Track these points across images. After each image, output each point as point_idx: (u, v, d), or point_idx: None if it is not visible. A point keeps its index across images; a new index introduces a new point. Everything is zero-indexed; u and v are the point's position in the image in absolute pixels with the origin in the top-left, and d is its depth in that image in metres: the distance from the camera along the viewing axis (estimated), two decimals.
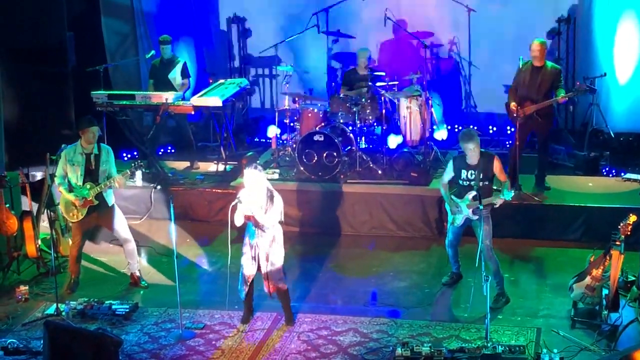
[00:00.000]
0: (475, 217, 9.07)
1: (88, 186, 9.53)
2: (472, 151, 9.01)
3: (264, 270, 8.80)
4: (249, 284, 8.91)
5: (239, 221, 8.66)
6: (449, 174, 9.36)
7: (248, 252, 8.83)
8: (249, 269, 8.84)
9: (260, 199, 8.61)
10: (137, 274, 10.01)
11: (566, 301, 9.10)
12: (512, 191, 9.02)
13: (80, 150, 9.59)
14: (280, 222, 8.84)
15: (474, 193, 9.01)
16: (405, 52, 13.67)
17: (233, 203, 8.55)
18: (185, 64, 12.64)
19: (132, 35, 14.32)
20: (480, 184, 9.03)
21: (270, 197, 8.65)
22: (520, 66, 11.13)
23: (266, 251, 8.77)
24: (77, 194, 9.54)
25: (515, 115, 10.88)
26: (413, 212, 11.27)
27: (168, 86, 12.43)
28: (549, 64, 11.00)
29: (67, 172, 9.61)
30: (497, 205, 9.07)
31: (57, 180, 9.71)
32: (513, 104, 10.92)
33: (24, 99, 12.70)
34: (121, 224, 9.86)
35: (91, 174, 9.57)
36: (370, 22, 13.72)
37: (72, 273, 9.94)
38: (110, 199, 9.77)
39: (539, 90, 10.91)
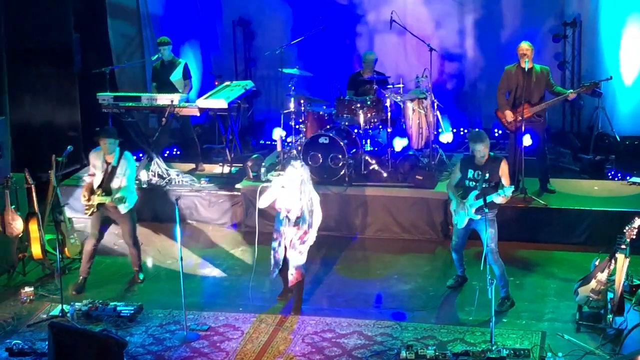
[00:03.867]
0: (478, 217, 9.05)
1: (98, 192, 9.71)
2: (480, 152, 9.00)
3: (288, 256, 9.14)
4: (279, 267, 9.25)
5: (263, 203, 9.07)
6: (456, 175, 9.34)
7: (277, 239, 9.20)
8: (279, 254, 9.21)
9: (294, 191, 8.97)
10: (139, 278, 10.13)
11: (571, 305, 9.08)
12: (512, 187, 8.94)
13: (102, 158, 9.76)
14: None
15: (477, 192, 9.00)
16: (410, 55, 13.67)
17: (263, 185, 9.15)
18: (186, 65, 12.62)
19: (138, 38, 14.37)
20: (485, 184, 9.00)
21: (305, 193, 9.03)
22: (506, 70, 11.07)
23: (291, 238, 9.09)
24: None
25: (512, 121, 10.88)
26: (418, 215, 11.26)
27: (170, 88, 12.41)
28: (537, 65, 10.99)
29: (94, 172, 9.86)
30: (498, 203, 8.99)
31: (87, 175, 10.03)
32: (510, 113, 10.91)
33: (30, 100, 12.75)
34: (130, 230, 9.96)
35: (105, 182, 9.74)
36: (376, 24, 13.74)
37: (82, 273, 9.98)
38: (131, 205, 9.88)
39: (535, 92, 10.90)
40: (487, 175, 9.02)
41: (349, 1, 13.85)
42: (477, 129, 9.28)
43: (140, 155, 12.81)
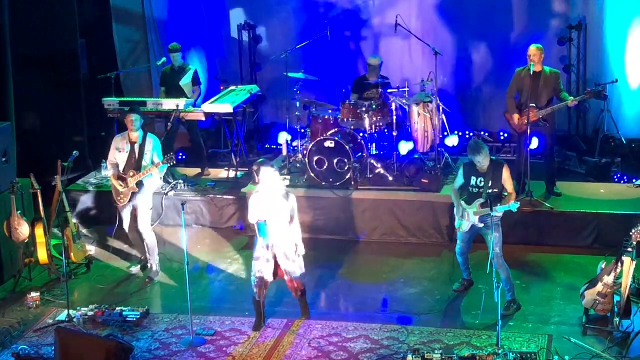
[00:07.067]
0: (481, 225, 9.05)
1: (131, 174, 9.92)
2: (481, 163, 8.99)
3: (286, 268, 8.92)
4: (265, 288, 9.00)
5: (253, 218, 8.82)
6: (459, 180, 9.34)
7: (263, 255, 8.88)
8: (267, 272, 8.91)
9: (277, 198, 8.75)
10: (154, 267, 10.37)
11: (578, 308, 9.07)
12: (517, 203, 8.94)
13: (127, 139, 10.03)
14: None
15: (482, 200, 8.99)
16: (416, 59, 13.66)
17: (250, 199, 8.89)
18: (196, 72, 12.65)
19: (144, 43, 14.38)
20: (490, 191, 9.00)
21: (286, 196, 8.83)
22: (516, 73, 11.07)
23: (284, 250, 8.87)
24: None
25: (520, 123, 10.87)
26: (424, 219, 11.26)
27: (179, 93, 12.45)
28: (547, 68, 10.99)
29: (117, 159, 10.06)
30: (498, 215, 8.98)
31: (107, 165, 10.17)
32: (517, 116, 10.91)
33: (36, 105, 12.77)
34: (147, 215, 10.16)
35: (133, 163, 9.95)
36: (381, 28, 13.73)
37: (144, 258, 10.43)
38: (150, 188, 10.13)
39: (543, 95, 10.89)
40: (491, 183, 9.00)
41: (354, 5, 13.85)
42: (474, 140, 9.22)
43: None
